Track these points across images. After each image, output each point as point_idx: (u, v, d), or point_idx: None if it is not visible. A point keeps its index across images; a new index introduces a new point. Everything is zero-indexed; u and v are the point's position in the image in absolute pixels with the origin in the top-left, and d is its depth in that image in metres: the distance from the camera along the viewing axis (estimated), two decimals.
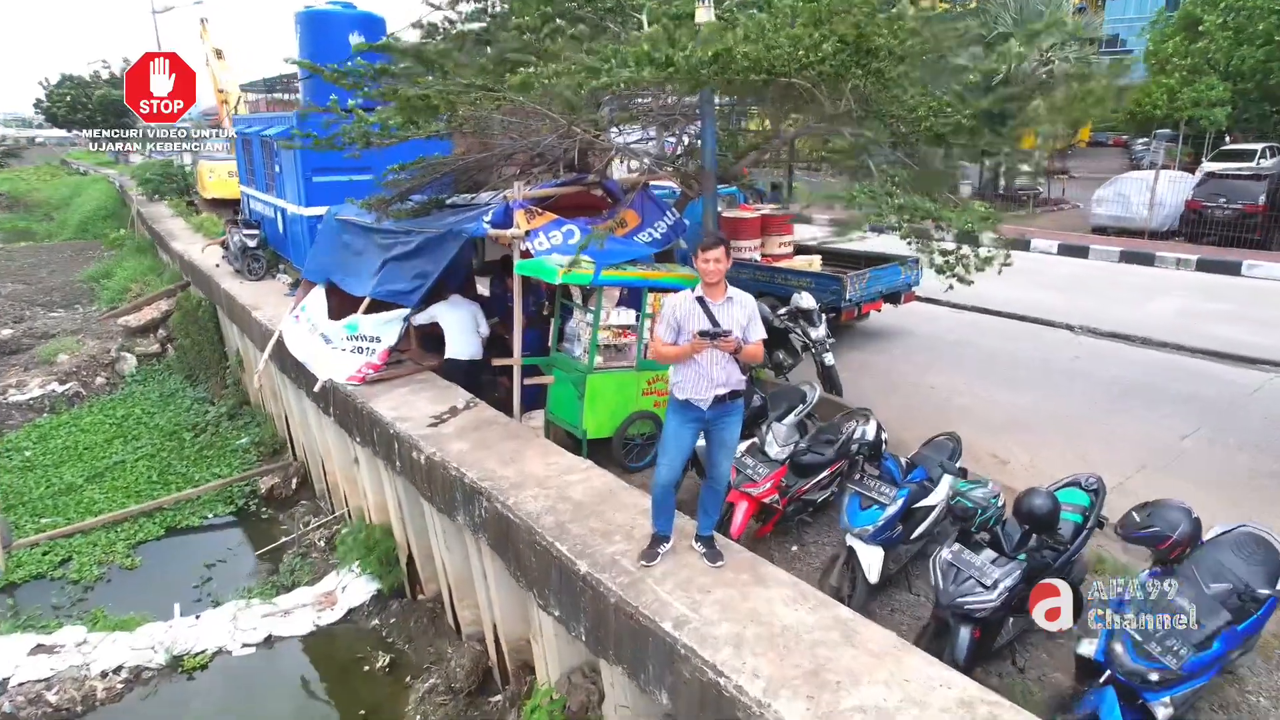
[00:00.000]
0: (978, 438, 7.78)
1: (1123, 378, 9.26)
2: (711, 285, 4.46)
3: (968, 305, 12.29)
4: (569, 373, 6.92)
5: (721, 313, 4.48)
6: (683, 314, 4.51)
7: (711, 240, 4.43)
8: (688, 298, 4.54)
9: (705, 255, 4.40)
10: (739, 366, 4.62)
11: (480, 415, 7.11)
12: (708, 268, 4.40)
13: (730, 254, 4.50)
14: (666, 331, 4.58)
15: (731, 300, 4.52)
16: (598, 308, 6.56)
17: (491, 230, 6.98)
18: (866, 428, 4.80)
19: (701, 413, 4.59)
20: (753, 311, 4.57)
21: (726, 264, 4.45)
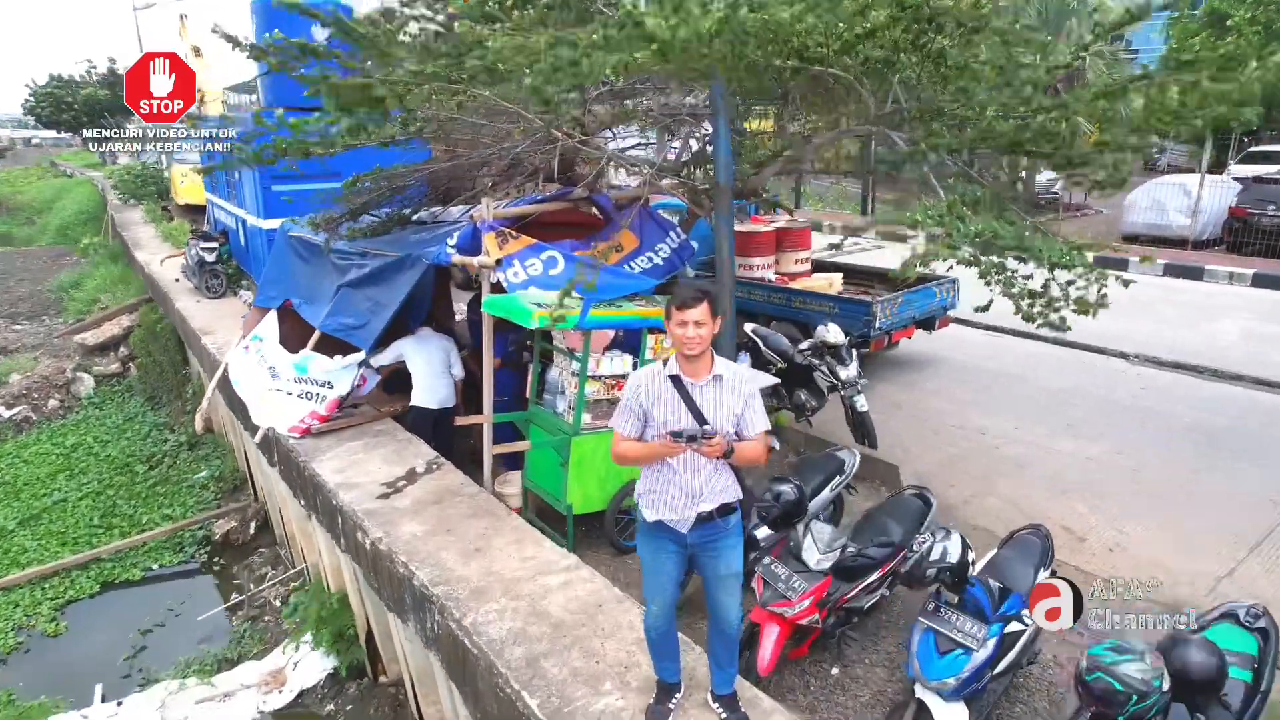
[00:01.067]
0: (1042, 501, 6.52)
1: (1203, 422, 7.96)
2: (690, 358, 3.23)
3: (1005, 328, 11.00)
4: (550, 433, 5.65)
5: (706, 397, 3.26)
6: (650, 398, 3.30)
7: (688, 296, 3.16)
8: (656, 375, 3.33)
9: (681, 316, 3.15)
10: (733, 472, 3.40)
11: (443, 482, 5.83)
12: (684, 334, 3.16)
13: (716, 313, 3.23)
14: (627, 421, 3.36)
15: (720, 380, 3.28)
16: (585, 355, 5.29)
17: (456, 257, 5.71)
18: (948, 545, 3.54)
19: (680, 537, 3.37)
20: (751, 394, 3.32)
21: (712, 329, 3.20)
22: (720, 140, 5.09)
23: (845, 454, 5.45)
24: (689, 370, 3.26)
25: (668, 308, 3.22)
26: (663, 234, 6.25)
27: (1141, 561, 5.66)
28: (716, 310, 3.23)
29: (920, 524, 4.73)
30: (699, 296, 3.16)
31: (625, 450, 3.35)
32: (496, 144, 5.62)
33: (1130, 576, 5.32)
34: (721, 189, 5.18)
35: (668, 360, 3.34)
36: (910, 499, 4.90)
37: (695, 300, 3.14)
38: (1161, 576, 5.46)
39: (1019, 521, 6.19)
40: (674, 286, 6.81)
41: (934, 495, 4.90)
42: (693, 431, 3.07)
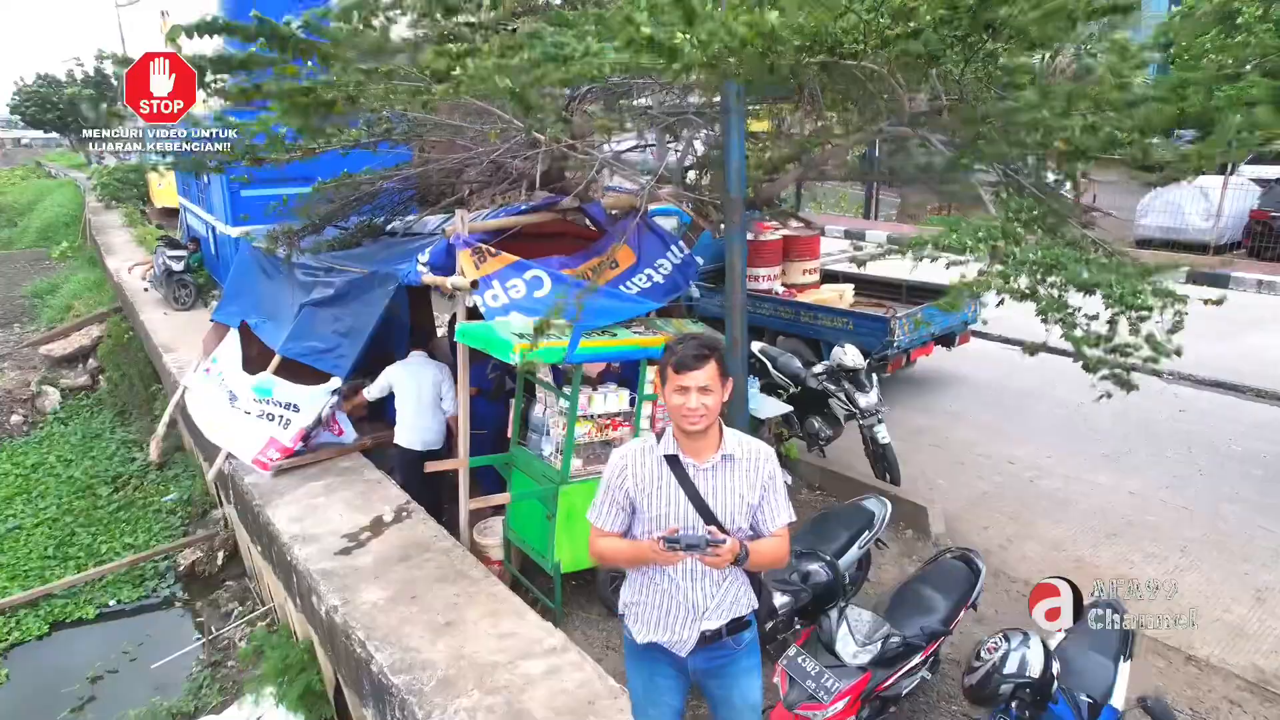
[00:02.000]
0: (1087, 548, 5.84)
1: (1255, 452, 7.26)
2: (692, 435, 2.51)
3: (1024, 341, 10.27)
4: (535, 480, 4.93)
5: (712, 483, 2.55)
6: (638, 485, 2.57)
7: (689, 355, 2.44)
8: (647, 454, 2.60)
9: (680, 380, 2.44)
10: (747, 577, 2.69)
11: (412, 534, 5.11)
12: (685, 405, 2.44)
13: (727, 377, 2.52)
14: (608, 513, 2.64)
15: (731, 461, 2.57)
16: (575, 392, 4.57)
17: (427, 276, 4.98)
18: (1027, 654, 2.83)
19: (679, 661, 2.68)
20: (771, 476, 2.60)
21: (722, 396, 2.49)
22: (732, 144, 4.38)
23: (874, 503, 4.74)
24: (690, 449, 2.55)
25: (662, 367, 2.51)
26: (664, 248, 5.53)
27: (1212, 625, 4.96)
28: (727, 371, 2.51)
29: (969, 594, 4.03)
30: (703, 355, 2.43)
31: (606, 550, 2.64)
32: (474, 147, 4.90)
33: (1211, 652, 4.69)
34: (733, 200, 4.46)
35: (662, 433, 2.61)
36: (953, 564, 4.19)
37: (698, 360, 2.42)
38: (1242, 644, 4.82)
39: (1064, 572, 5.49)
40: (679, 304, 6.11)
41: (981, 558, 4.19)
42: (694, 540, 2.34)
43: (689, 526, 2.51)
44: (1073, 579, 5.45)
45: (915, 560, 5.67)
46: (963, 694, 3.04)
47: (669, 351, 2.51)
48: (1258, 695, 4.46)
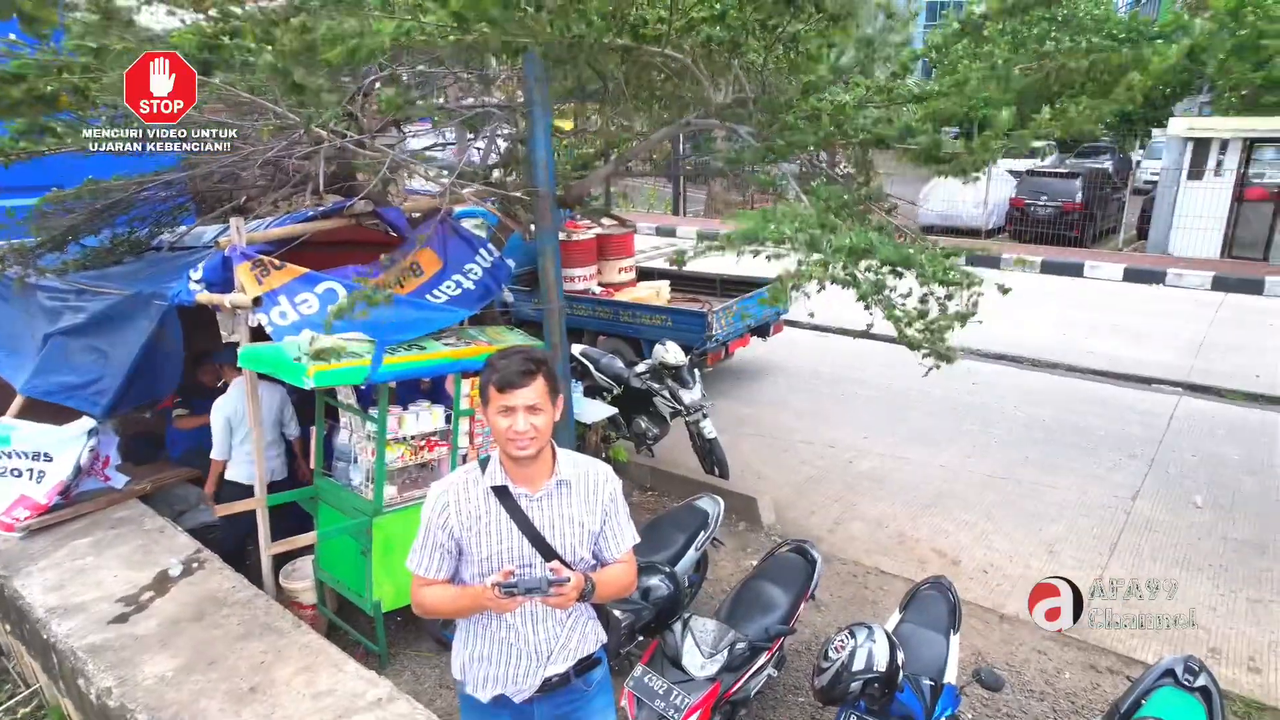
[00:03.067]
0: (906, 521, 6.08)
1: (1036, 417, 7.94)
2: (522, 461, 2.23)
3: (831, 328, 10.78)
4: (345, 513, 4.45)
5: (549, 513, 2.30)
6: (463, 523, 2.27)
7: (514, 371, 2.16)
8: (471, 487, 2.29)
9: (504, 400, 2.15)
10: (595, 610, 2.47)
11: (206, 587, 4.47)
12: (512, 427, 2.15)
13: (558, 393, 2.26)
14: (429, 558, 2.31)
15: (568, 486, 2.32)
16: (382, 414, 4.15)
17: (202, 295, 4.37)
18: (874, 649, 2.77)
19: (524, 711, 2.42)
20: (612, 498, 2.39)
21: (553, 415, 2.24)
22: (538, 138, 4.12)
23: (707, 502, 4.66)
24: (521, 476, 2.27)
25: (483, 386, 2.22)
26: (471, 251, 5.18)
27: (1017, 582, 5.29)
28: (557, 385, 2.25)
29: (807, 586, 4.02)
30: (529, 369, 2.16)
31: (431, 601, 2.32)
32: (246, 147, 4.33)
33: (1019, 608, 4.96)
34: (541, 196, 4.21)
35: (487, 461, 2.31)
36: (789, 557, 4.17)
37: (524, 376, 2.14)
38: None
39: (888, 548, 5.74)
40: (493, 309, 5.75)
41: (815, 548, 4.21)
42: (533, 583, 2.07)
43: (526, 565, 2.24)
44: (899, 552, 5.75)
45: (751, 553, 5.69)
46: (814, 695, 2.97)
47: (489, 368, 2.20)
48: (1058, 642, 4.78)
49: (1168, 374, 8.85)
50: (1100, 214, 17.53)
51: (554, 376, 2.25)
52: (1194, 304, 11.85)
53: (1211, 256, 14.11)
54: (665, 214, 21.65)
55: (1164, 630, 4.75)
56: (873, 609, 5.10)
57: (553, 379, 2.23)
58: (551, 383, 2.22)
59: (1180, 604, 4.83)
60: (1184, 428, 7.58)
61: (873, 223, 4.29)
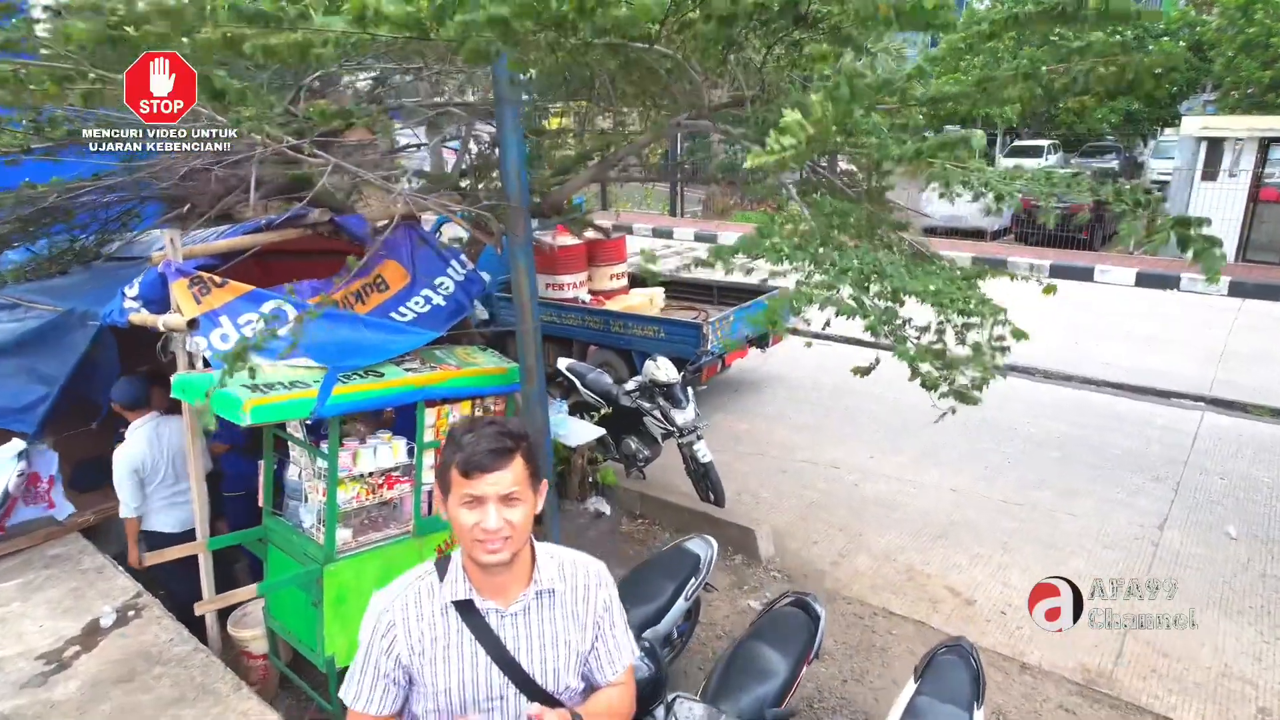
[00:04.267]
0: (916, 554, 5.64)
1: (1050, 432, 7.49)
2: (491, 568, 1.74)
3: (834, 335, 10.33)
4: (295, 558, 4.00)
5: (525, 632, 1.81)
6: (415, 648, 1.77)
7: (483, 450, 1.67)
8: (425, 599, 1.80)
9: (471, 487, 1.66)
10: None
11: (140, 639, 4.03)
12: (480, 525, 1.67)
13: (540, 475, 1.78)
14: (371, 688, 1.78)
15: (549, 597, 1.83)
16: (333, 451, 3.70)
17: (135, 316, 3.92)
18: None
19: None
20: (606, 608, 1.90)
21: (535, 506, 1.75)
22: (509, 141, 3.67)
23: (698, 544, 4.21)
24: (490, 587, 1.78)
25: (443, 469, 1.70)
26: (443, 264, 4.73)
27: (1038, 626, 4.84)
28: (541, 468, 1.77)
29: (810, 645, 3.56)
30: (505, 447, 1.67)
31: None
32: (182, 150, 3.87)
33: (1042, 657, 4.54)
34: (513, 206, 3.76)
35: (446, 564, 1.81)
36: (790, 613, 3.72)
37: (498, 457, 1.66)
38: (1063, 641, 4.72)
39: (898, 585, 5.29)
40: (469, 326, 5.27)
41: (819, 601, 3.75)
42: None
43: (497, 698, 1.77)
44: (909, 590, 5.31)
45: (747, 590, 5.25)
46: None
47: (451, 444, 1.69)
48: (1087, 698, 4.35)
49: (1188, 387, 8.40)
50: (1109, 214, 17.07)
51: (536, 456, 1.75)
52: (1211, 310, 11.40)
53: (1226, 260, 13.64)
54: (662, 214, 21.17)
55: (1207, 686, 4.31)
56: (881, 657, 4.66)
57: (534, 459, 1.74)
58: (533, 464, 1.73)
59: (1180, 604, 4.55)
60: (1209, 447, 7.13)
61: (882, 240, 3.85)
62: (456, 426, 1.76)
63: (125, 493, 4.27)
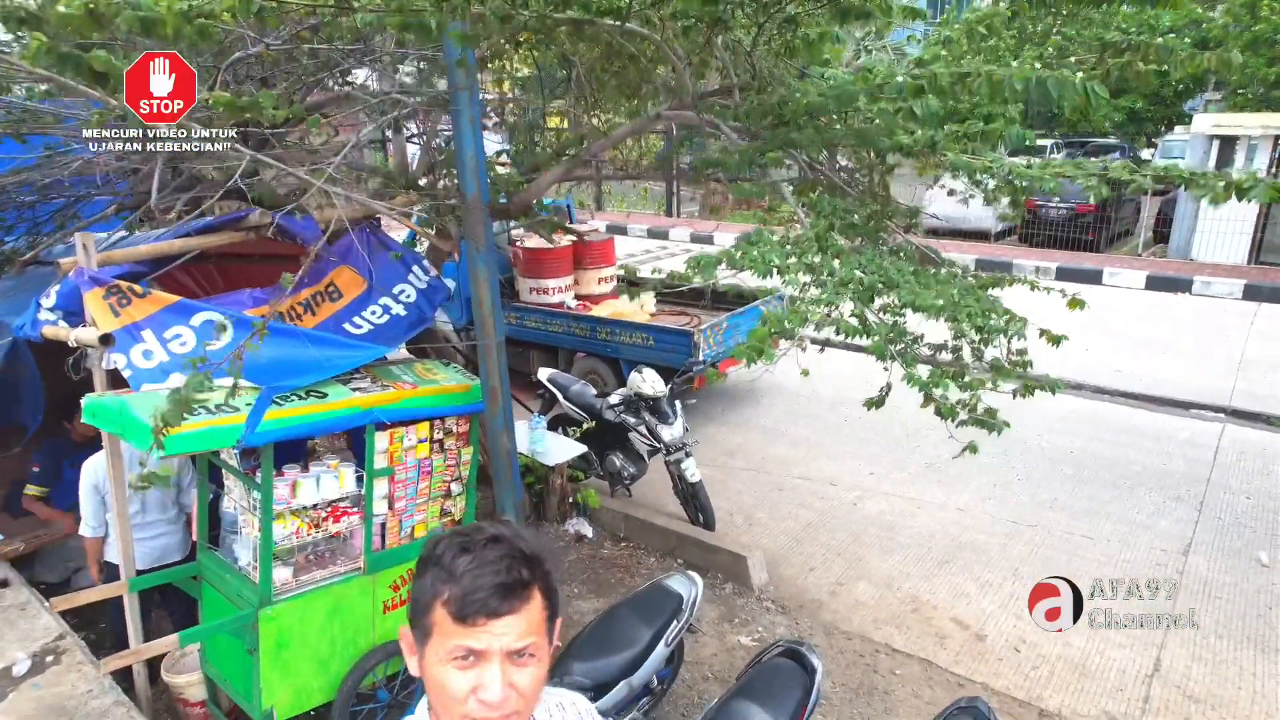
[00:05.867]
0: (921, 582, 5.24)
1: (1061, 447, 7.07)
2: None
3: (833, 341, 9.90)
4: (230, 600, 3.58)
5: None
6: None
7: (493, 579, 1.14)
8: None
9: (470, 637, 1.13)
10: None
11: (55, 691, 3.61)
12: (480, 693, 1.13)
13: (557, 613, 1.24)
14: None
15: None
16: (266, 481, 3.28)
17: (48, 329, 3.50)
18: None
19: None
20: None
21: (547, 663, 1.22)
22: (463, 130, 3.25)
23: (680, 582, 3.79)
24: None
25: (421, 606, 1.18)
26: (403, 270, 4.32)
27: (1056, 664, 4.43)
28: (556, 605, 1.26)
29: (805, 702, 3.14)
30: (521, 581, 1.17)
31: None
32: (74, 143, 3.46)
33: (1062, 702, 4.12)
34: (471, 205, 3.34)
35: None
36: (782, 665, 3.30)
37: (510, 596, 1.16)
38: (1085, 685, 4.30)
39: (901, 618, 4.86)
40: (435, 544, 4.80)
41: (815, 652, 3.33)
42: None
43: None
44: (913, 623, 4.89)
45: (738, 624, 4.83)
46: None
47: (435, 567, 1.18)
48: None
49: (1207, 397, 7.96)
50: (1115, 216, 16.65)
51: (554, 589, 1.24)
52: (1226, 315, 10.96)
53: (1239, 262, 13.22)
54: (658, 214, 20.74)
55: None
56: (884, 700, 4.24)
57: (554, 593, 1.24)
58: (552, 602, 1.23)
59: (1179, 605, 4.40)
60: (1232, 463, 6.70)
61: (886, 244, 3.44)
62: (442, 540, 1.22)
63: (85, 509, 3.88)
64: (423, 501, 3.88)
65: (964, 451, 3.31)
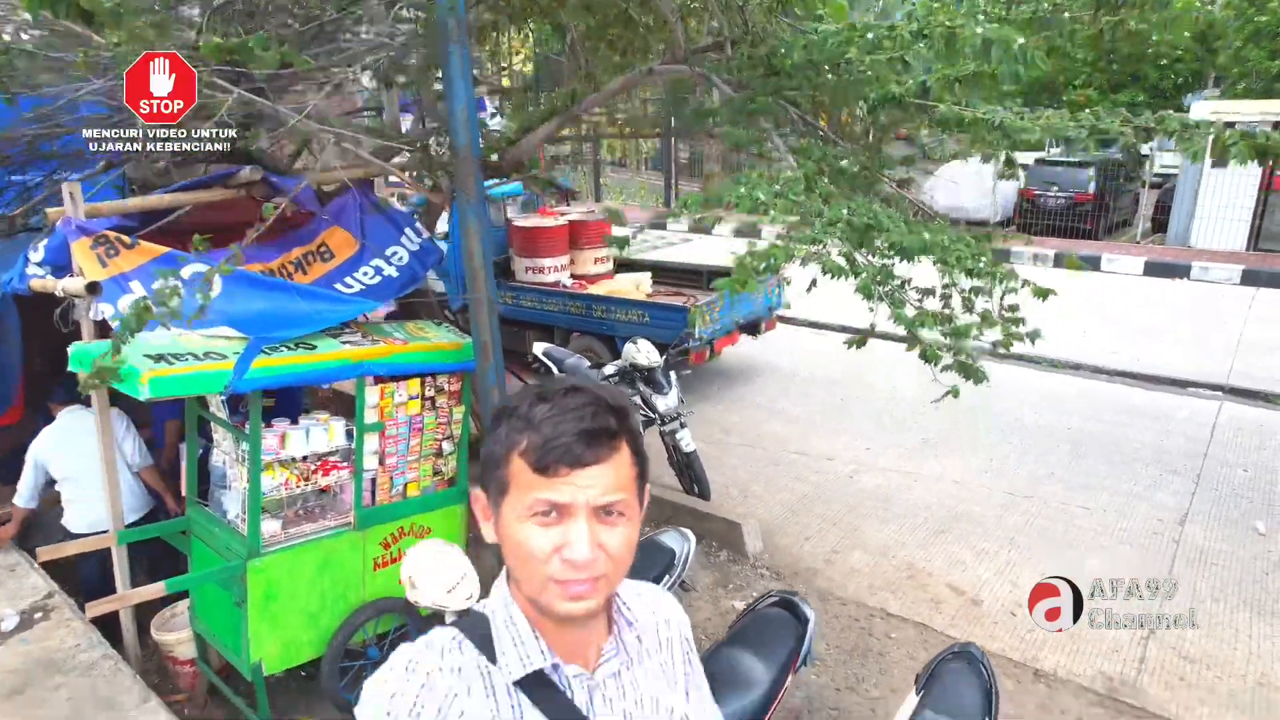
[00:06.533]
0: (917, 550, 5.22)
1: (1058, 424, 7.05)
2: (570, 622, 1.08)
3: (831, 324, 9.92)
4: (218, 553, 3.56)
5: (623, 705, 1.15)
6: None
7: (576, 425, 1.01)
8: (474, 680, 1.08)
9: (548, 490, 1.01)
10: None
11: (44, 645, 3.59)
12: (566, 552, 1.01)
13: (646, 479, 1.10)
14: None
15: (639, 645, 1.20)
16: (254, 429, 3.26)
17: (36, 282, 3.48)
18: None
19: None
20: (687, 647, 1.29)
21: (638, 526, 1.08)
22: (454, 79, 3.23)
23: (673, 538, 3.77)
24: (564, 647, 1.12)
25: (494, 462, 1.06)
26: (395, 231, 4.30)
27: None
28: (645, 461, 1.11)
29: (796, 651, 3.13)
30: (609, 430, 1.04)
31: None
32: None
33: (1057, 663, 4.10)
34: (462, 159, 3.32)
35: (484, 625, 1.13)
36: (774, 615, 3.28)
37: (598, 445, 1.03)
38: (1080, 646, 4.29)
39: (896, 584, 4.85)
40: (429, 300, 4.81)
41: (807, 603, 3.31)
42: None
43: None
44: (908, 589, 4.88)
45: (732, 590, 4.81)
46: None
47: (513, 419, 1.06)
48: (1109, 709, 3.91)
49: (1205, 377, 7.94)
50: (1113, 205, 16.65)
51: (643, 451, 1.11)
52: (1224, 299, 10.94)
53: (1238, 249, 13.20)
54: (657, 206, 20.73)
55: (1242, 696, 3.88)
56: (878, 662, 4.22)
57: (642, 449, 1.11)
58: (641, 458, 1.10)
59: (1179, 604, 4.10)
60: (1230, 438, 6.68)
61: (880, 194, 3.42)
62: (518, 395, 1.09)
63: (23, 480, 3.87)
64: (414, 459, 3.86)
65: (945, 396, 3.28)
